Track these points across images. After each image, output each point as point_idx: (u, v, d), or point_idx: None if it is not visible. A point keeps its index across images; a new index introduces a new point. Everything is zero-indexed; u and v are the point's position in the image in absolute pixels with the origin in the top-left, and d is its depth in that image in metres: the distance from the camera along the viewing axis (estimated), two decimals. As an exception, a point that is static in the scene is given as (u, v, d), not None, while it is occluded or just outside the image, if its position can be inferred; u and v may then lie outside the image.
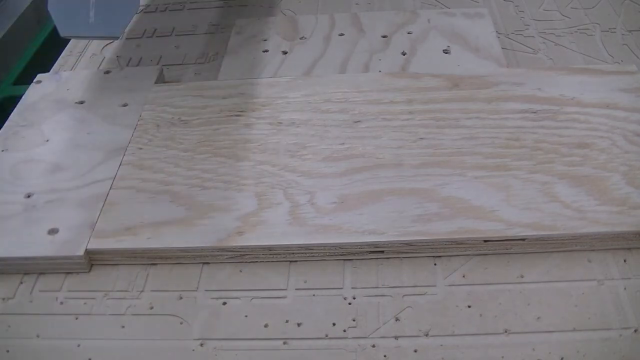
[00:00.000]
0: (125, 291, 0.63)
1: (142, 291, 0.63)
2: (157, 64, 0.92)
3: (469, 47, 0.86)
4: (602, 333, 0.57)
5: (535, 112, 0.73)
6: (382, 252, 0.63)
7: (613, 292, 0.60)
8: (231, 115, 0.77)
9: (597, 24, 0.94)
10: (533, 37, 0.91)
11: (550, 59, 0.87)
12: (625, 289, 0.60)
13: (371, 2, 1.01)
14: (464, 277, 0.62)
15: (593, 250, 0.63)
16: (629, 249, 0.63)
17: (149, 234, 0.65)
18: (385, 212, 0.64)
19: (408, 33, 0.90)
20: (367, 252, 0.63)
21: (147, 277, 0.64)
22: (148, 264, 0.65)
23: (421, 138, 0.71)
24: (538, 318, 0.58)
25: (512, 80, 0.78)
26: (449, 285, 0.61)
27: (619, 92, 0.76)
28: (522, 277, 0.61)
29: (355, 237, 0.62)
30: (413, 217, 0.63)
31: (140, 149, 0.74)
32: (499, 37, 0.89)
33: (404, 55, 0.86)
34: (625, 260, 0.62)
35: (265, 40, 0.92)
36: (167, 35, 0.99)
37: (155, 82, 0.84)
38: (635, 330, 0.57)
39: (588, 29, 0.93)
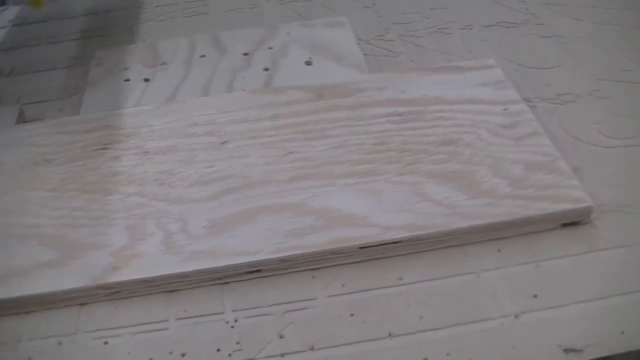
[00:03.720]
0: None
1: (19, 342, 0.61)
2: (17, 103, 0.89)
3: (331, 57, 0.87)
4: (484, 324, 0.58)
5: (400, 115, 0.74)
6: (259, 271, 0.62)
7: (490, 283, 0.61)
8: (97, 149, 0.75)
9: (455, 22, 0.95)
10: (393, 40, 0.92)
11: (412, 60, 0.88)
12: (501, 278, 0.61)
13: (230, 20, 1.01)
14: (343, 286, 0.62)
15: (468, 244, 0.64)
16: (501, 238, 0.64)
17: (20, 281, 0.62)
18: (259, 231, 0.63)
19: (269, 48, 0.90)
20: (244, 273, 0.62)
21: (22, 327, 0.62)
22: (22, 313, 0.63)
23: (289, 152, 0.71)
24: (420, 317, 0.59)
25: (375, 86, 0.78)
26: (330, 296, 0.61)
27: (480, 87, 0.78)
28: (400, 279, 0.62)
29: (230, 259, 0.62)
30: (287, 232, 0.63)
31: (4, 193, 0.71)
32: (360, 44, 0.90)
33: (266, 71, 0.86)
34: (499, 250, 0.63)
35: (126, 69, 0.90)
36: (26, 73, 0.96)
37: (16, 123, 0.81)
38: (516, 317, 0.58)
39: (447, 28, 0.94)
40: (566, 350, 0.56)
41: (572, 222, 0.66)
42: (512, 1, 1.01)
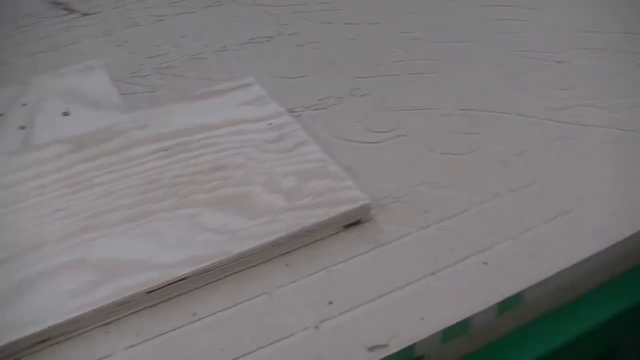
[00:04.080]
0: None
1: None
2: None
3: (88, 103, 0.84)
4: (286, 341, 0.58)
5: (167, 149, 0.73)
6: (50, 339, 0.59)
7: (284, 299, 0.61)
8: None
9: (209, 46, 0.95)
10: (150, 75, 0.90)
11: (172, 92, 0.86)
12: (294, 291, 0.61)
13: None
14: (138, 335, 0.59)
15: (255, 265, 0.63)
16: (288, 252, 0.65)
17: None
18: (41, 297, 0.60)
19: (23, 105, 0.86)
20: (34, 344, 0.59)
21: None
22: None
23: (58, 210, 0.68)
24: (222, 349, 0.58)
25: (137, 125, 0.77)
26: (127, 348, 0.59)
27: (242, 107, 0.78)
28: (195, 314, 0.60)
29: (16, 333, 0.58)
30: (70, 293, 0.60)
31: None
32: (116, 84, 0.88)
33: (23, 129, 0.82)
34: (287, 265, 0.64)
35: None
36: None
37: None
38: (316, 327, 0.58)
39: (201, 53, 0.94)
40: (371, 348, 0.57)
41: (354, 222, 0.67)
42: (262, 15, 1.02)
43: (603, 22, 0.98)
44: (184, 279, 0.61)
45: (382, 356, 0.56)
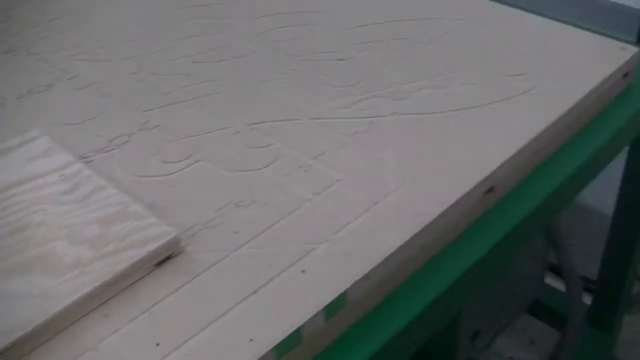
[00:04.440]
0: None
1: None
2: None
3: None
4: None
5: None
6: None
7: (111, 351, 0.59)
8: None
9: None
10: None
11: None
12: (119, 341, 0.59)
13: None
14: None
15: (75, 322, 0.61)
16: (104, 302, 0.63)
17: None
18: None
19: None
20: None
21: None
22: None
23: None
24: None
25: None
26: None
27: (30, 162, 0.76)
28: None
29: None
30: None
31: None
32: None
33: None
34: (106, 316, 0.62)
35: None
36: None
37: None
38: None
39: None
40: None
41: (165, 257, 0.66)
42: (37, 64, 0.99)
43: (374, 14, 1.02)
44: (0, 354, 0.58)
45: (219, 386, 0.56)
